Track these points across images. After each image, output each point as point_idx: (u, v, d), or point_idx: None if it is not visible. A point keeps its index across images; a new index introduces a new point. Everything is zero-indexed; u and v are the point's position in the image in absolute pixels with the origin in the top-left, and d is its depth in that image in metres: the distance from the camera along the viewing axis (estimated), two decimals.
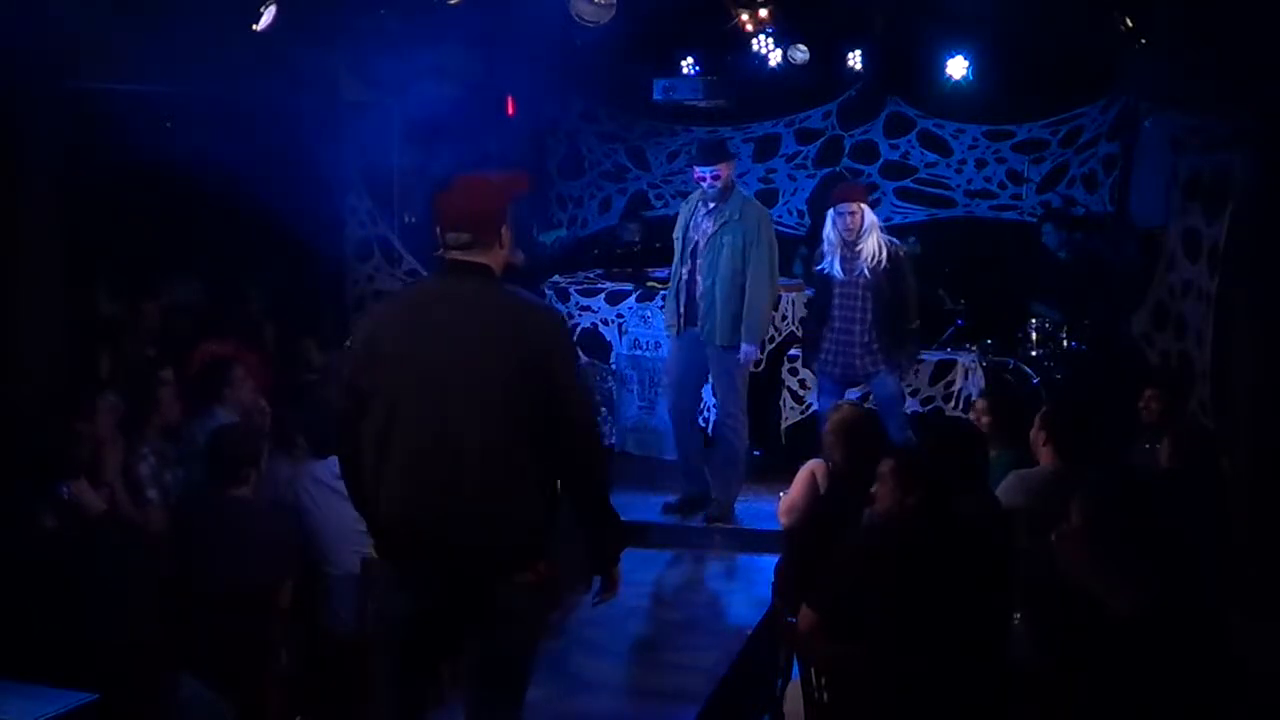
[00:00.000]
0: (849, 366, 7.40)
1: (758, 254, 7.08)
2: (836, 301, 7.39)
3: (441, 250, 3.62)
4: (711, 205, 7.12)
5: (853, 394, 7.53)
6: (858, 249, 7.27)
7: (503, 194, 3.68)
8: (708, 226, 7.13)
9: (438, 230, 3.62)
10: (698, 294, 7.16)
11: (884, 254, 7.25)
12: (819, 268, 7.46)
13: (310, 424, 5.71)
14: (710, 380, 7.47)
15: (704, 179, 7.09)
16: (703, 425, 7.93)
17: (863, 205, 7.32)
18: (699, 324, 7.17)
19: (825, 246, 7.34)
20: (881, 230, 7.40)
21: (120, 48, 6.41)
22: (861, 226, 7.25)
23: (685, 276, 7.23)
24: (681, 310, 7.25)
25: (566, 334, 3.65)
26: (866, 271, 7.26)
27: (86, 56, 6.29)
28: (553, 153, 10.80)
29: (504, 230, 3.63)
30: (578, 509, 3.67)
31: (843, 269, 7.30)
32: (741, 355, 7.16)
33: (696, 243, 7.17)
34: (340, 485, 3.89)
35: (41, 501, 4.77)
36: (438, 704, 4.12)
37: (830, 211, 7.32)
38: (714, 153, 7.26)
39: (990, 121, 9.75)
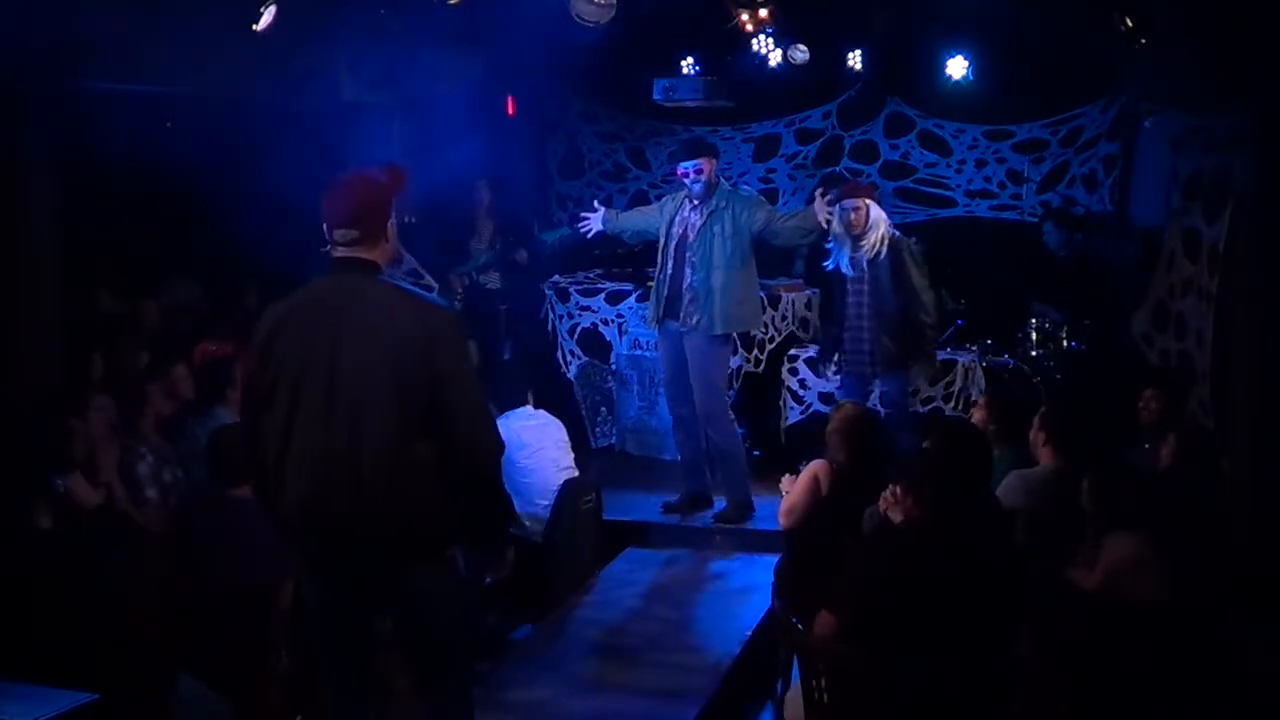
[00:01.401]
0: (865, 362, 7.38)
1: (765, 213, 7.07)
2: (850, 299, 7.39)
3: (330, 247, 3.72)
4: (697, 201, 7.11)
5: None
6: (862, 244, 7.28)
7: (386, 191, 3.77)
8: (695, 220, 7.11)
9: (326, 228, 3.71)
10: (683, 287, 7.12)
11: (884, 245, 7.26)
12: (826, 264, 7.46)
13: None
14: (690, 376, 7.27)
15: (687, 174, 7.08)
16: None
17: (868, 201, 7.32)
18: (679, 317, 7.15)
19: (832, 242, 7.34)
20: (889, 226, 7.39)
21: (120, 48, 6.41)
22: (867, 221, 7.26)
23: (670, 271, 7.21)
24: (661, 307, 7.23)
25: (451, 325, 3.66)
26: (866, 264, 7.27)
27: (86, 56, 6.30)
28: (553, 153, 10.78)
29: (389, 226, 3.74)
30: (469, 495, 3.74)
31: (850, 264, 7.32)
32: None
33: (682, 237, 7.15)
34: None
35: (36, 496, 4.77)
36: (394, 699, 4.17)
37: (835, 207, 7.31)
38: (695, 147, 7.25)
39: (990, 121, 9.73)
